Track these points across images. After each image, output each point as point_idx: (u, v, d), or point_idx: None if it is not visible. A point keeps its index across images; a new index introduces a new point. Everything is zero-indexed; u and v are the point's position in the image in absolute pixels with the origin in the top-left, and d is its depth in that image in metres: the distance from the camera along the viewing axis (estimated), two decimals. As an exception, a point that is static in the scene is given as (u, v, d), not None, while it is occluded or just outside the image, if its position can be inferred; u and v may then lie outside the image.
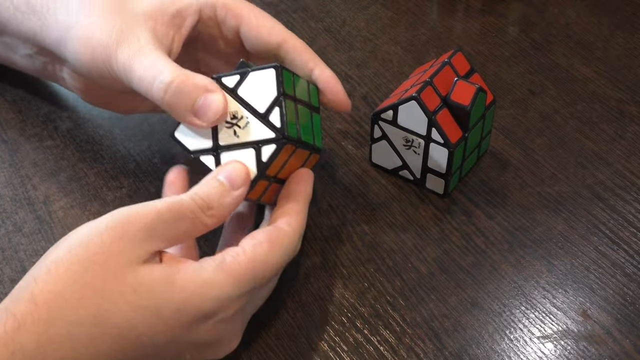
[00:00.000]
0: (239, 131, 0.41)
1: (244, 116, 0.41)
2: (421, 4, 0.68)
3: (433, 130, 0.48)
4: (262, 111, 0.41)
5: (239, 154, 0.41)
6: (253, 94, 0.41)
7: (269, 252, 0.39)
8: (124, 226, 0.36)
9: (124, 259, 0.36)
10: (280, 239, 0.40)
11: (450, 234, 0.49)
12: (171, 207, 0.38)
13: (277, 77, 0.41)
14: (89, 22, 0.45)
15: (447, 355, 0.43)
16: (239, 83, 0.42)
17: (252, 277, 0.38)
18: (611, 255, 0.48)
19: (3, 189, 0.52)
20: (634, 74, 0.61)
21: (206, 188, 0.39)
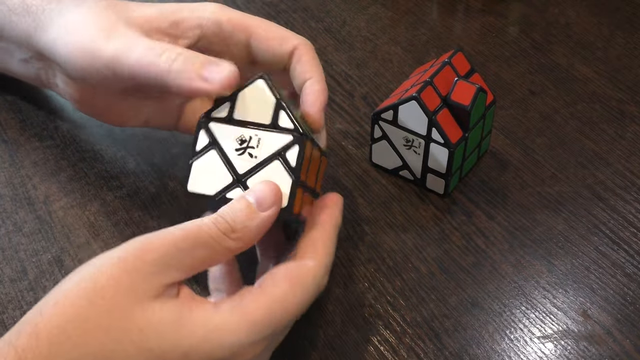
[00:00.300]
0: (255, 151, 0.39)
1: (252, 136, 0.40)
2: (421, 4, 0.68)
3: (433, 130, 0.48)
4: (268, 122, 0.40)
5: (266, 173, 0.39)
6: (251, 111, 0.40)
7: (289, 293, 0.36)
8: (136, 259, 0.35)
9: (133, 295, 0.34)
10: (303, 277, 0.37)
11: (451, 234, 0.49)
12: (189, 235, 0.36)
13: (267, 84, 0.40)
14: (82, 22, 0.45)
15: (447, 355, 0.43)
16: (232, 108, 0.40)
17: (269, 323, 0.36)
18: (611, 255, 0.48)
19: (3, 189, 0.52)
20: (634, 74, 0.61)
21: (231, 210, 0.37)
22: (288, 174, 0.39)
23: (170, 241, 0.35)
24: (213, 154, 0.40)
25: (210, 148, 0.40)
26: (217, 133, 0.40)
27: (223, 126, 0.40)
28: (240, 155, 0.39)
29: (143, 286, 0.34)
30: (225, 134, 0.40)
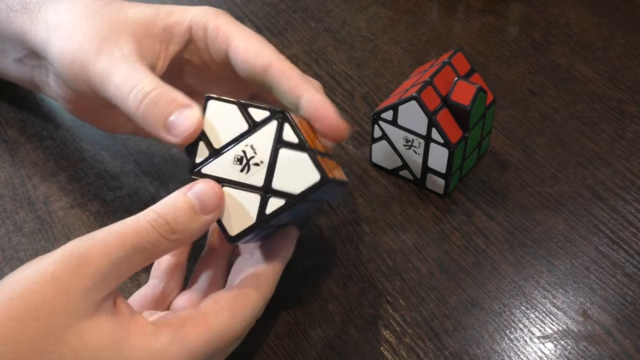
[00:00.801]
0: (256, 159, 0.38)
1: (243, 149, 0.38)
2: (421, 4, 0.68)
3: (433, 130, 0.48)
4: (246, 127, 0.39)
5: (281, 166, 0.38)
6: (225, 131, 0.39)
7: (229, 320, 0.37)
8: (72, 275, 0.33)
9: (68, 315, 0.33)
10: (244, 307, 0.38)
11: (451, 234, 0.49)
12: (126, 242, 0.34)
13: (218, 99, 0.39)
14: (75, 24, 0.44)
15: (447, 355, 0.43)
16: (208, 142, 0.39)
17: (206, 351, 0.36)
18: (611, 255, 0.48)
19: (3, 189, 0.52)
20: (634, 74, 0.61)
21: (173, 209, 0.36)
22: (299, 151, 0.38)
23: (106, 252, 0.34)
24: (227, 191, 0.38)
25: (222, 186, 0.39)
26: (215, 172, 0.39)
27: (213, 163, 0.39)
28: (247, 173, 0.38)
29: (79, 304, 0.33)
30: (220, 167, 0.39)
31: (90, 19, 0.43)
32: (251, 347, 0.43)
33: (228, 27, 0.43)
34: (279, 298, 0.45)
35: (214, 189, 0.37)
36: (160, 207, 0.36)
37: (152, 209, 0.36)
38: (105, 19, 0.43)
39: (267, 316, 0.44)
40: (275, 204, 0.38)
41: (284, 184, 0.38)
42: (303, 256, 0.48)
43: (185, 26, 0.44)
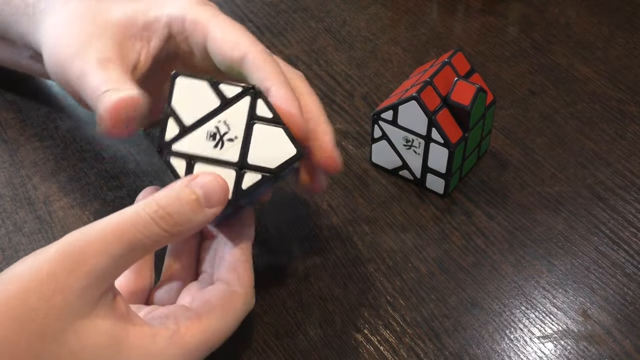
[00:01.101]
0: (230, 134, 0.38)
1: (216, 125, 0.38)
2: (421, 4, 0.68)
3: (433, 130, 0.48)
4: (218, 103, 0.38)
5: (256, 141, 0.38)
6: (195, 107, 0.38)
7: (223, 318, 0.37)
8: (69, 274, 0.33)
9: (65, 316, 0.32)
10: (234, 304, 0.38)
11: (450, 234, 0.49)
12: (123, 238, 0.34)
13: (187, 76, 0.38)
14: (62, 29, 0.44)
15: (447, 355, 0.43)
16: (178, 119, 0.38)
17: (202, 349, 0.37)
18: (611, 255, 0.48)
19: (3, 189, 0.52)
20: (634, 74, 0.61)
21: (176, 202, 0.35)
22: (274, 125, 0.38)
23: (103, 250, 0.33)
24: (200, 167, 0.38)
25: (193, 165, 0.38)
26: (187, 148, 0.38)
27: (185, 139, 0.38)
28: (221, 148, 0.38)
29: (77, 304, 0.33)
30: (193, 143, 0.38)
31: (77, 22, 0.43)
32: (251, 346, 0.43)
33: (205, 19, 0.43)
34: (279, 298, 0.45)
35: (219, 181, 0.36)
36: (163, 199, 0.35)
37: (153, 199, 0.35)
38: (89, 22, 0.43)
39: (267, 316, 0.44)
40: (252, 179, 0.38)
41: (260, 158, 0.38)
42: (303, 256, 0.48)
43: (164, 21, 0.44)
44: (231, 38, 0.42)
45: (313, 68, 0.61)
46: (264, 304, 0.45)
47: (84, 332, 0.33)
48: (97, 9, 0.44)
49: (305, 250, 0.48)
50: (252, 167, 0.38)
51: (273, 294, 0.45)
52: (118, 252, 0.34)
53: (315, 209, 0.50)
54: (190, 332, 0.36)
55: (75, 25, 0.43)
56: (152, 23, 0.44)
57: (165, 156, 0.38)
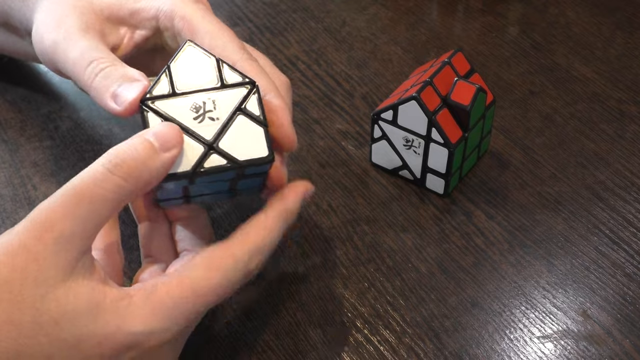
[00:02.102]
0: (214, 114, 0.38)
1: (205, 100, 0.38)
2: (421, 4, 0.68)
3: (433, 130, 0.48)
4: (216, 83, 0.38)
5: (234, 130, 0.38)
6: (193, 78, 0.38)
7: (206, 276, 0.36)
8: (38, 242, 0.33)
9: (42, 283, 0.32)
10: (221, 261, 0.36)
11: (450, 234, 0.49)
12: (84, 197, 0.33)
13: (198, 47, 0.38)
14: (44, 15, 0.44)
15: (447, 355, 0.43)
16: (171, 82, 0.38)
17: (181, 310, 0.35)
18: (611, 255, 0.48)
19: (3, 189, 0.52)
20: (634, 74, 0.61)
21: (130, 150, 0.35)
22: (257, 124, 0.38)
23: (66, 213, 0.33)
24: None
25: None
26: (167, 110, 0.38)
27: (170, 101, 0.38)
28: (200, 122, 0.37)
29: (51, 272, 0.33)
30: (176, 107, 0.38)
31: (61, 6, 0.44)
32: (251, 346, 0.43)
33: (195, 19, 0.43)
34: (279, 298, 0.45)
35: (172, 127, 0.36)
36: (116, 148, 0.35)
37: (108, 151, 0.35)
38: (73, 6, 0.44)
39: (267, 316, 0.44)
40: (215, 161, 0.37)
41: (232, 147, 0.37)
42: (303, 256, 0.48)
43: (152, 13, 0.44)
44: (218, 43, 0.42)
45: (313, 68, 0.61)
46: (264, 304, 0.45)
47: (64, 298, 0.33)
48: None
49: (305, 250, 0.48)
50: (220, 152, 0.37)
51: (273, 294, 0.45)
52: (82, 213, 0.33)
53: (315, 209, 0.50)
54: (168, 290, 0.35)
55: (58, 10, 0.44)
56: (139, 11, 0.44)
57: (145, 108, 0.38)
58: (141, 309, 0.34)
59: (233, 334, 0.43)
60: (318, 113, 0.57)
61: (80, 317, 0.33)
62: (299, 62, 0.62)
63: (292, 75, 0.61)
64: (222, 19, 0.66)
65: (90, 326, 0.33)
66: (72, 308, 0.33)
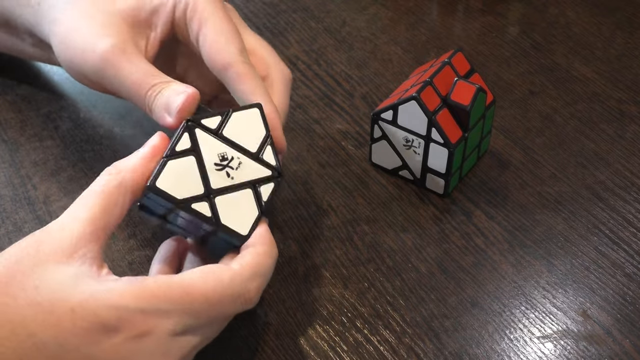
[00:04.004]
0: (233, 172, 0.39)
1: (234, 157, 0.40)
2: (421, 4, 0.68)
3: (433, 130, 0.48)
4: (254, 150, 0.40)
5: (236, 196, 0.39)
6: (240, 134, 0.40)
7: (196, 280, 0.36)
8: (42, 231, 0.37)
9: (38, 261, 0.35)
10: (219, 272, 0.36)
11: (450, 234, 0.49)
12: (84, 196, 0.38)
13: (262, 115, 0.40)
14: (71, 21, 0.45)
15: (447, 355, 0.43)
16: (222, 123, 0.40)
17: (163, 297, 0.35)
18: (611, 255, 0.48)
19: (3, 189, 0.52)
20: (634, 74, 0.61)
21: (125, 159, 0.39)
22: (257, 205, 0.40)
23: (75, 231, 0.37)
24: (191, 160, 0.39)
25: (190, 153, 0.39)
26: (201, 141, 0.39)
27: (209, 137, 0.39)
28: (218, 171, 0.39)
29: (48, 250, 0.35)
30: (208, 145, 0.39)
31: (86, 15, 0.44)
32: (251, 346, 0.43)
33: (205, 12, 0.43)
34: (279, 298, 0.45)
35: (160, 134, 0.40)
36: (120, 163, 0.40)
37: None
38: (98, 14, 0.44)
39: (267, 316, 0.44)
40: (202, 208, 0.39)
41: (223, 207, 0.39)
42: (303, 256, 0.48)
43: (169, 6, 0.45)
44: (220, 42, 0.43)
45: (313, 68, 0.61)
46: (264, 304, 0.45)
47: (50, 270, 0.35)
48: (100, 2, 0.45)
49: (305, 250, 0.48)
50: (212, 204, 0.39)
51: (273, 294, 0.45)
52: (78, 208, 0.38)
53: (315, 209, 0.50)
54: (156, 279, 0.35)
55: (85, 20, 0.44)
56: (158, 7, 0.45)
57: (187, 127, 0.39)
58: (122, 286, 0.35)
59: (233, 334, 0.43)
60: (318, 113, 0.57)
61: (58, 284, 0.34)
62: (299, 62, 0.62)
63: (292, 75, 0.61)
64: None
65: (65, 292, 0.34)
66: (53, 277, 0.34)
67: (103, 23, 0.44)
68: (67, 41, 0.45)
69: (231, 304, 0.37)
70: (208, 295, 0.36)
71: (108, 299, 0.34)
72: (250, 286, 0.37)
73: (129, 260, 0.47)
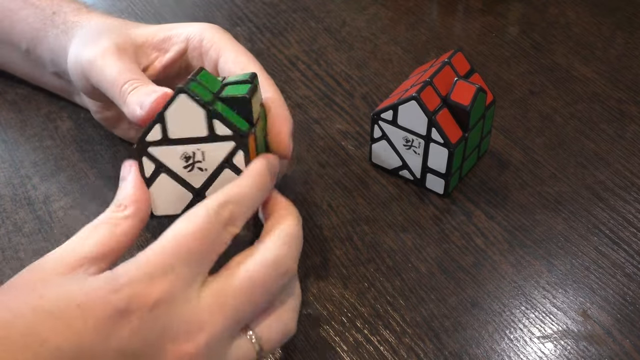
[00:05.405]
0: (202, 164, 0.40)
1: (194, 151, 0.40)
2: (421, 4, 0.68)
3: (433, 130, 0.48)
4: (205, 134, 0.39)
5: (220, 182, 0.40)
6: (184, 127, 0.39)
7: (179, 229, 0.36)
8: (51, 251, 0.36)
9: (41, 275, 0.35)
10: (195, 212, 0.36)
11: (450, 234, 0.49)
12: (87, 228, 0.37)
13: (190, 97, 0.39)
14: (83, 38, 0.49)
15: (447, 355, 0.43)
16: (164, 129, 0.39)
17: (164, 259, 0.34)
18: (611, 255, 0.48)
19: (3, 189, 0.52)
20: (634, 74, 0.61)
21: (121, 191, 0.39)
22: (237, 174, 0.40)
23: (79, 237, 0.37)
24: (165, 177, 0.40)
25: (160, 172, 0.40)
26: (160, 156, 0.40)
27: (162, 148, 0.40)
28: (190, 171, 0.40)
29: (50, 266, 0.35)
30: (168, 155, 0.40)
31: (99, 31, 0.49)
32: (251, 347, 0.43)
33: (221, 42, 0.47)
34: (278, 298, 0.45)
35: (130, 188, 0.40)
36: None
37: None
38: (110, 30, 0.48)
39: (267, 316, 0.44)
40: None
41: None
42: (303, 256, 0.48)
43: (183, 37, 0.48)
44: (242, 60, 0.46)
45: (313, 68, 0.61)
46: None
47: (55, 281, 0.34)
48: (118, 23, 0.50)
49: (305, 250, 0.48)
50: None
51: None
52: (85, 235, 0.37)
53: (315, 209, 0.50)
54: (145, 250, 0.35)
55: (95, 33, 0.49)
56: (172, 37, 0.49)
57: (140, 153, 0.40)
58: (119, 269, 0.34)
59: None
60: (318, 113, 0.57)
61: (63, 288, 0.34)
62: (299, 62, 0.62)
63: (292, 75, 0.61)
64: (222, 19, 0.66)
65: (71, 292, 0.34)
66: (58, 284, 0.34)
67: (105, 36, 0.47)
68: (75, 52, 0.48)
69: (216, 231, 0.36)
70: (193, 239, 0.35)
71: (112, 284, 0.33)
72: (224, 214, 0.37)
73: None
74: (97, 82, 0.46)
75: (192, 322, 0.34)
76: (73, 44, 0.49)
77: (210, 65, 0.47)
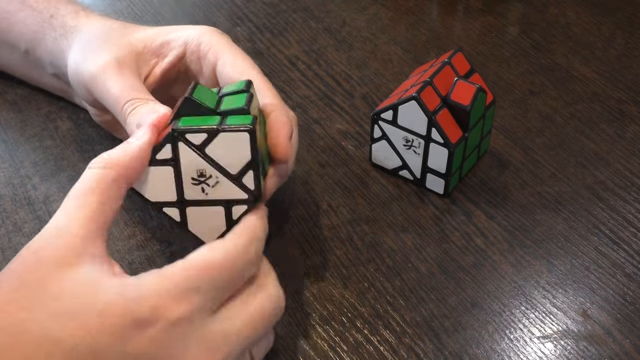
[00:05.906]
0: (208, 189, 0.40)
1: (213, 175, 0.40)
2: (421, 4, 0.68)
3: (433, 130, 0.48)
4: (234, 173, 0.40)
5: (206, 211, 0.40)
6: (223, 154, 0.39)
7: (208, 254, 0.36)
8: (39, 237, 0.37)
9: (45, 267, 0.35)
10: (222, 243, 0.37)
11: (450, 234, 0.49)
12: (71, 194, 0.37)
13: (250, 139, 0.39)
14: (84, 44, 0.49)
15: (447, 355, 0.43)
16: (207, 141, 0.39)
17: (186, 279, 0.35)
18: (611, 255, 0.48)
19: (3, 189, 0.52)
20: (634, 74, 0.61)
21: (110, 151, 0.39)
22: (225, 222, 0.41)
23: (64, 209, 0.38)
24: (169, 170, 0.40)
25: (169, 164, 0.39)
26: (182, 155, 0.39)
27: (190, 151, 0.39)
28: (194, 185, 0.40)
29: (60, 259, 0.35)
30: (189, 159, 0.39)
31: (98, 38, 0.49)
32: (251, 347, 0.43)
33: (219, 45, 0.47)
34: (278, 298, 0.45)
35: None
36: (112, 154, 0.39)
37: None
38: (110, 38, 0.49)
39: (267, 316, 0.44)
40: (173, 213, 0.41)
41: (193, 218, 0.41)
42: (303, 256, 0.48)
43: (181, 41, 0.48)
44: (240, 64, 0.46)
45: (313, 68, 0.61)
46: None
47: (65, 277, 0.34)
48: (118, 27, 0.50)
49: (305, 250, 0.48)
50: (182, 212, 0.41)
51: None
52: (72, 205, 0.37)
53: (315, 209, 0.50)
54: (172, 266, 0.35)
55: (94, 44, 0.49)
56: (170, 41, 0.49)
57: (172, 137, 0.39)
58: (144, 278, 0.35)
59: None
60: (318, 113, 0.57)
61: (79, 288, 0.34)
62: (299, 62, 0.62)
63: (292, 75, 0.61)
64: (222, 19, 0.66)
65: (89, 296, 0.34)
66: (71, 284, 0.34)
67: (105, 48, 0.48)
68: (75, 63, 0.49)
69: (241, 267, 0.37)
70: (222, 266, 0.36)
71: (136, 291, 0.34)
72: (249, 248, 0.38)
73: (129, 260, 0.47)
74: (99, 97, 0.47)
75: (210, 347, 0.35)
76: (73, 50, 0.49)
77: (209, 69, 0.47)
